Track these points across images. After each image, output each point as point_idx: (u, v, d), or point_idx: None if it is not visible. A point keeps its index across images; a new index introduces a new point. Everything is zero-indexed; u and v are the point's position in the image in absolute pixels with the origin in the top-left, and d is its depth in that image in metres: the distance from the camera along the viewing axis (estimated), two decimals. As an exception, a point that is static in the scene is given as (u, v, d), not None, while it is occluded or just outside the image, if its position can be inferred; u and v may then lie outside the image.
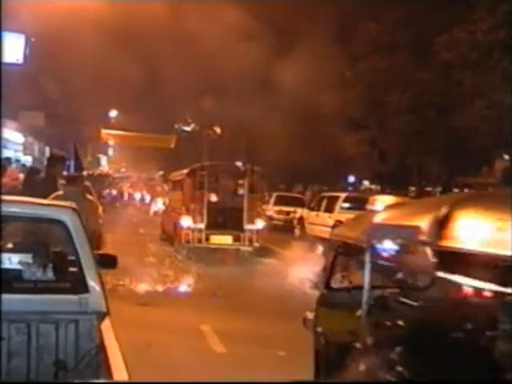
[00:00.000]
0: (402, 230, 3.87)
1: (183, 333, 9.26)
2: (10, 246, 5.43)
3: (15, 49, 26.69)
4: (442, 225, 3.41)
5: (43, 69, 29.28)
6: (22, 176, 10.98)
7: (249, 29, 26.21)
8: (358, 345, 4.23)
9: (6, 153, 25.82)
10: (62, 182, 9.14)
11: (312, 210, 25.52)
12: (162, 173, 48.70)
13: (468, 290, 4.99)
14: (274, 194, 32.61)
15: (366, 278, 4.36)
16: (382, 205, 13.79)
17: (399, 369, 3.86)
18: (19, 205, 5.09)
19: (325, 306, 5.26)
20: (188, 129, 52.42)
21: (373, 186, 36.24)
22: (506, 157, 27.11)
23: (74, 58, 29.28)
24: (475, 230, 3.23)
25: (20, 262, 5.06)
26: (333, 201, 23.87)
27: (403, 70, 26.19)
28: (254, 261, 17.31)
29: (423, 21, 25.65)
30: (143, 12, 24.60)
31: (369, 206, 19.65)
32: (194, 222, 17.82)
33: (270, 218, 30.56)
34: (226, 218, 18.09)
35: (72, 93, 34.61)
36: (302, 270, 12.24)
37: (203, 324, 9.82)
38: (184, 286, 13.05)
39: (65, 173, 9.68)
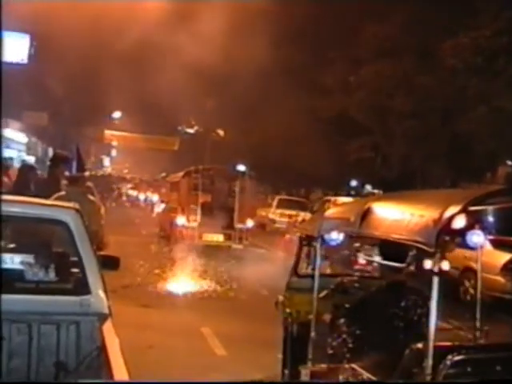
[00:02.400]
0: (339, 222, 4.96)
1: (184, 335, 9.25)
2: (12, 246, 5.41)
3: (20, 49, 26.76)
4: (362, 217, 4.55)
5: (47, 69, 29.31)
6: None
7: (254, 31, 26.23)
8: (315, 320, 5.12)
9: (10, 153, 25.89)
10: (64, 182, 9.09)
11: (314, 213, 25.46)
12: (164, 174, 48.65)
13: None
14: (277, 198, 32.52)
15: (317, 263, 5.16)
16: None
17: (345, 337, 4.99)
18: (21, 205, 5.07)
19: (292, 290, 5.85)
20: (191, 131, 52.46)
21: (375, 191, 36.20)
22: (509, 163, 27.09)
23: (78, 59, 29.33)
24: (383, 221, 4.39)
25: (22, 263, 5.04)
26: (335, 204, 23.86)
27: (407, 75, 26.14)
28: (255, 263, 17.26)
29: (427, 26, 25.61)
30: (147, 14, 24.63)
31: None
32: (188, 220, 18.82)
33: (273, 221, 30.52)
34: (217, 218, 18.95)
35: (76, 94, 34.67)
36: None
37: (204, 326, 9.81)
38: (185, 288, 13.04)
39: (67, 173, 9.59)
